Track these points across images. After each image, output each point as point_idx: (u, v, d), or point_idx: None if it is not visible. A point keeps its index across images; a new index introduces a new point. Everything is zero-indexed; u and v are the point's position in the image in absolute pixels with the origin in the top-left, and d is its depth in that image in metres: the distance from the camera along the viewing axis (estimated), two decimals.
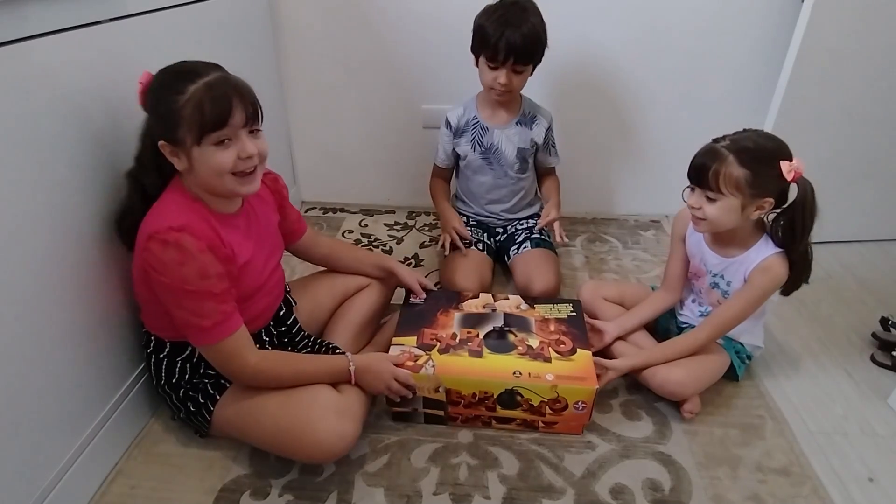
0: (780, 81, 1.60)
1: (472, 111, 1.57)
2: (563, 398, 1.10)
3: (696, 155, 1.10)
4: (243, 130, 0.92)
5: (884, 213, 1.82)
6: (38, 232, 0.87)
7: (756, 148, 1.06)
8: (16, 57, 0.82)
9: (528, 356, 1.15)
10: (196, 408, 1.05)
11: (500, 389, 1.10)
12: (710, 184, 1.06)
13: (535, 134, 1.57)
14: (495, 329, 1.23)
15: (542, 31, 1.40)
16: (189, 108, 0.88)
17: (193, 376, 1.06)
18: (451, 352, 1.16)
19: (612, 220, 2.02)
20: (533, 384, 1.09)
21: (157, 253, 0.89)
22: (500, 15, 1.37)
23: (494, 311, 1.28)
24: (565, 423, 1.14)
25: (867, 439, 1.15)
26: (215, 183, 0.94)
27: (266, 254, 1.10)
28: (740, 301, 1.15)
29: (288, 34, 1.84)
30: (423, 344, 1.18)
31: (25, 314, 0.86)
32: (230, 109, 0.89)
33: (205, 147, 0.90)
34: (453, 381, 1.11)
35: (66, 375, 0.95)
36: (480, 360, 1.14)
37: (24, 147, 0.84)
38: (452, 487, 1.04)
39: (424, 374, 1.10)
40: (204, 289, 0.91)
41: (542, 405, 1.11)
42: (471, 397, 1.12)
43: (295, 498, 1.02)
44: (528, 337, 1.20)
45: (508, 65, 1.39)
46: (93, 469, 1.02)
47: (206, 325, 0.93)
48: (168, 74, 0.92)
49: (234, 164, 0.92)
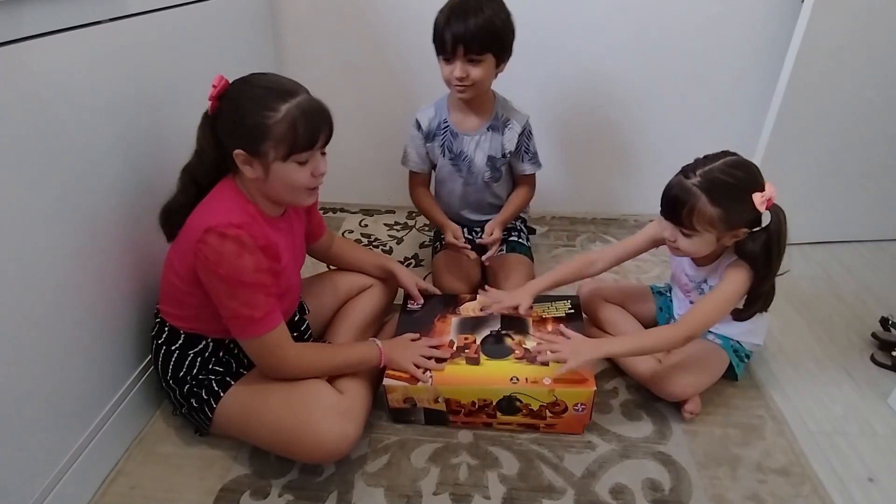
0: (780, 81, 1.60)
1: (442, 113, 1.49)
2: (562, 401, 1.10)
3: (667, 190, 1.08)
4: (319, 151, 0.98)
5: (884, 213, 1.82)
6: (35, 231, 0.87)
7: (727, 184, 1.03)
8: (16, 57, 0.82)
9: (525, 360, 1.15)
10: (199, 404, 1.05)
11: (498, 397, 1.10)
12: (685, 222, 1.06)
13: (506, 139, 1.48)
14: (492, 333, 1.22)
15: (499, 19, 1.30)
16: (283, 127, 0.92)
17: (200, 371, 1.06)
18: (448, 361, 1.15)
19: (612, 220, 2.02)
20: (531, 389, 1.09)
21: (216, 245, 0.92)
22: (451, 5, 1.31)
23: (492, 314, 1.27)
24: (566, 425, 1.13)
25: (867, 439, 1.15)
26: (286, 195, 1.00)
27: (296, 258, 1.15)
28: (714, 297, 1.12)
29: (288, 34, 1.84)
30: None
31: (25, 315, 0.86)
32: (319, 134, 0.96)
33: (288, 164, 0.95)
34: (452, 390, 1.11)
35: (66, 376, 0.95)
36: (478, 368, 1.14)
37: (24, 146, 0.84)
38: (452, 487, 1.04)
39: (423, 385, 1.10)
40: (258, 281, 0.95)
41: (541, 409, 1.11)
42: (470, 406, 1.12)
43: (295, 498, 1.02)
44: (525, 339, 1.20)
45: (459, 55, 1.30)
46: (93, 469, 1.02)
47: (258, 315, 0.96)
48: (258, 89, 0.95)
49: (309, 180, 0.98)
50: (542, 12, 1.47)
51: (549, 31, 1.41)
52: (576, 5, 1.73)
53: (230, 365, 1.08)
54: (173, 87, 1.20)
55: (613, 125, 1.92)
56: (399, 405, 1.14)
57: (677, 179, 1.08)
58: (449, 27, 1.29)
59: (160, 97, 1.15)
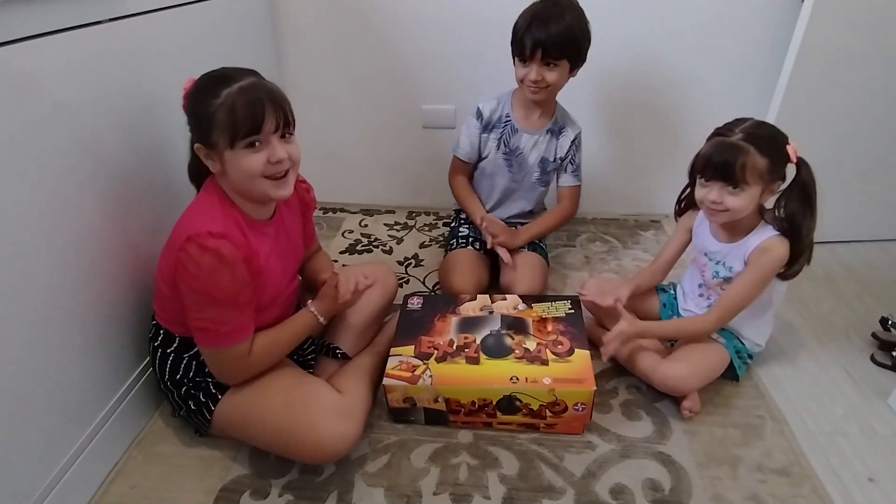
0: (780, 81, 1.60)
1: (506, 107, 1.52)
2: (562, 401, 1.10)
3: (714, 151, 1.10)
4: (275, 135, 0.94)
5: (884, 213, 1.82)
6: (34, 231, 0.87)
7: (768, 135, 1.09)
8: (16, 57, 0.82)
9: (525, 360, 1.15)
10: (197, 406, 1.05)
11: (498, 396, 1.10)
12: (738, 177, 1.08)
13: (560, 145, 1.53)
14: (492, 333, 1.22)
15: (578, 27, 1.35)
16: (222, 113, 0.90)
17: (197, 374, 1.06)
18: (448, 360, 1.16)
19: (612, 220, 2.02)
20: (531, 389, 1.09)
21: (195, 255, 0.90)
22: (533, 11, 1.36)
23: (492, 314, 1.28)
24: (566, 424, 1.13)
25: (867, 439, 1.15)
26: (248, 186, 0.96)
27: (287, 264, 1.12)
28: (743, 283, 1.16)
29: (288, 35, 1.84)
30: (420, 353, 1.18)
31: (25, 315, 0.86)
32: (262, 115, 0.91)
33: (237, 151, 0.91)
34: (451, 390, 1.11)
35: (66, 376, 0.95)
36: (478, 368, 1.14)
37: (24, 146, 0.84)
38: (452, 487, 1.04)
39: (423, 385, 1.10)
40: (231, 297, 0.93)
41: (541, 409, 1.11)
42: (470, 405, 1.12)
43: (295, 498, 1.02)
44: (525, 339, 1.20)
45: (537, 59, 1.35)
46: (93, 469, 1.02)
47: (224, 330, 0.95)
48: (205, 78, 0.95)
49: (265, 167, 0.93)
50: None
51: None
52: None
53: None
54: (173, 87, 1.19)
55: (613, 125, 1.92)
56: (399, 405, 1.14)
57: (719, 140, 1.11)
58: (530, 32, 1.33)
59: (160, 97, 1.15)
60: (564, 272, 1.71)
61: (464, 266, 1.50)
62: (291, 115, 0.96)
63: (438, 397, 1.12)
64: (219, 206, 0.97)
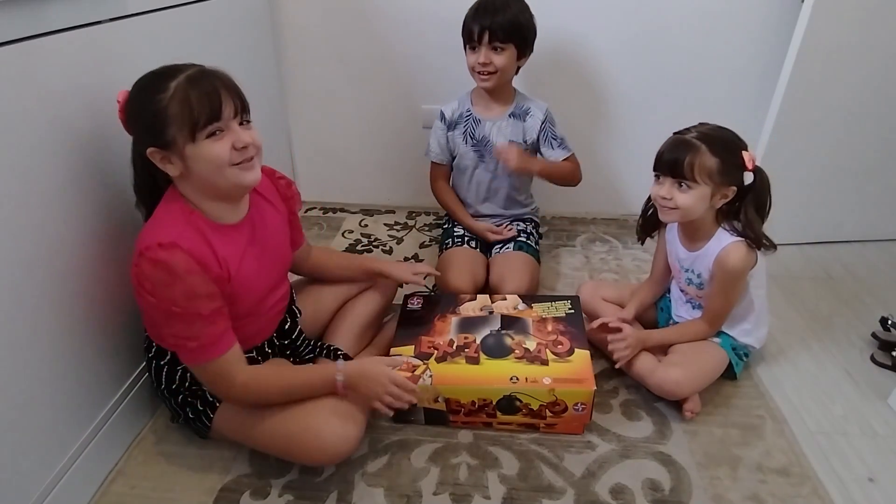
0: (780, 81, 1.60)
1: (465, 104, 1.59)
2: (562, 401, 1.10)
3: (666, 147, 1.14)
4: (234, 121, 0.89)
5: (884, 213, 1.82)
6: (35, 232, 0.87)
7: (723, 138, 1.11)
8: (16, 57, 0.82)
9: (525, 360, 1.15)
10: (195, 414, 1.05)
11: (498, 396, 1.10)
12: (685, 173, 1.09)
13: (528, 126, 1.56)
14: (492, 333, 1.22)
15: (523, 17, 1.44)
16: (176, 105, 0.84)
17: (193, 383, 1.05)
18: (448, 360, 1.16)
19: (612, 220, 2.02)
20: (531, 389, 1.09)
21: (146, 271, 0.86)
22: (480, 3, 1.46)
23: (492, 314, 1.28)
24: (566, 424, 1.14)
25: (867, 439, 1.15)
26: (215, 179, 0.90)
27: (269, 267, 1.05)
28: (716, 293, 1.20)
29: (288, 34, 1.84)
30: (420, 353, 1.17)
31: (25, 315, 0.86)
32: (219, 100, 0.86)
33: (199, 143, 0.86)
34: (451, 390, 1.11)
35: (66, 376, 0.95)
36: (478, 368, 1.14)
37: (23, 146, 0.84)
38: (452, 487, 1.04)
39: (423, 384, 1.10)
40: (192, 310, 0.88)
41: (541, 409, 1.11)
42: (470, 405, 1.12)
43: (295, 498, 1.02)
44: (525, 339, 1.20)
45: (484, 43, 1.43)
46: (93, 469, 1.02)
47: (192, 346, 0.90)
48: (145, 79, 0.89)
49: (232, 154, 0.88)
50: (542, 13, 1.48)
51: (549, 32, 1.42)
52: (576, 5, 1.73)
53: None
54: None
55: (613, 125, 1.92)
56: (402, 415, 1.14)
57: (674, 138, 1.14)
58: (477, 19, 1.43)
59: None
60: (564, 272, 1.70)
61: (460, 263, 1.51)
62: (246, 100, 0.92)
63: (438, 397, 1.12)
64: (178, 214, 0.91)
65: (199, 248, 0.89)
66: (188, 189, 0.93)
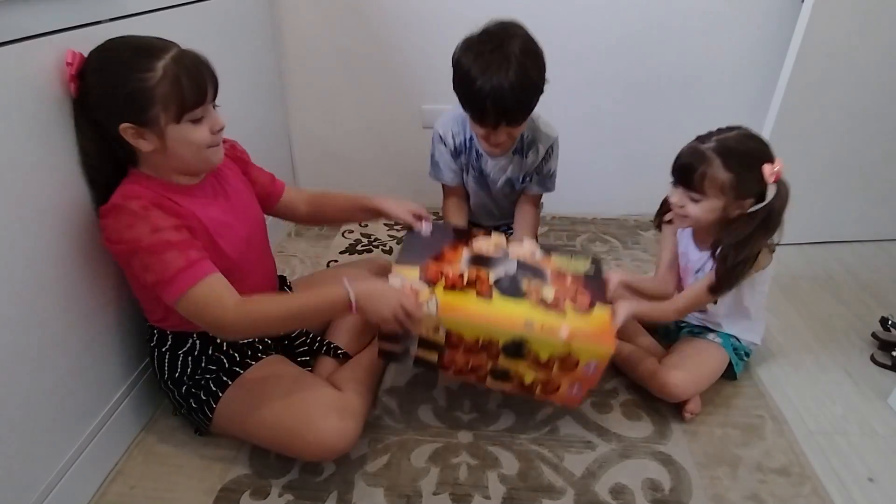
0: (780, 81, 1.60)
1: (467, 131, 1.37)
2: (576, 356, 1.00)
3: (681, 154, 1.10)
4: (210, 104, 0.93)
5: (884, 213, 1.82)
6: (33, 231, 0.87)
7: (741, 151, 1.05)
8: (16, 57, 0.82)
9: (542, 307, 1.04)
10: (198, 405, 1.05)
11: (507, 338, 1.00)
12: (695, 186, 1.07)
13: (529, 162, 1.38)
14: (507, 274, 1.11)
15: (537, 77, 1.17)
16: (165, 86, 0.85)
17: (195, 371, 1.06)
18: (457, 290, 1.04)
19: (612, 220, 2.02)
20: (545, 338, 0.99)
21: (109, 225, 0.89)
22: (484, 66, 1.14)
23: (507, 256, 1.16)
24: (568, 387, 1.04)
25: (867, 439, 1.15)
26: (191, 159, 0.93)
27: (241, 219, 1.05)
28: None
29: (288, 34, 1.84)
30: (427, 278, 1.05)
31: (24, 315, 0.86)
32: (206, 85, 0.89)
33: (183, 125, 0.89)
34: (457, 323, 1.00)
35: (66, 376, 0.95)
36: (489, 304, 1.02)
37: (22, 146, 0.84)
38: (452, 487, 1.04)
39: (426, 312, 0.98)
40: (160, 240, 0.87)
41: (550, 360, 1.01)
42: (473, 343, 1.01)
43: (295, 498, 1.02)
44: (542, 286, 1.09)
45: (501, 128, 1.20)
46: (93, 469, 1.02)
47: (170, 273, 0.87)
48: (124, 51, 0.87)
49: (209, 138, 0.92)
50: (541, 12, 1.48)
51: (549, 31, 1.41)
52: (576, 5, 1.73)
53: (222, 362, 1.06)
54: None
55: (613, 125, 1.92)
56: (389, 348, 1.05)
57: (692, 145, 1.09)
58: (488, 100, 1.14)
59: None
60: None
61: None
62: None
63: (439, 328, 1.00)
64: (138, 185, 0.92)
65: (156, 198, 0.91)
66: (155, 162, 0.93)
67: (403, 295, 0.96)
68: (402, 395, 1.24)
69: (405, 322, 0.96)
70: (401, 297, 0.96)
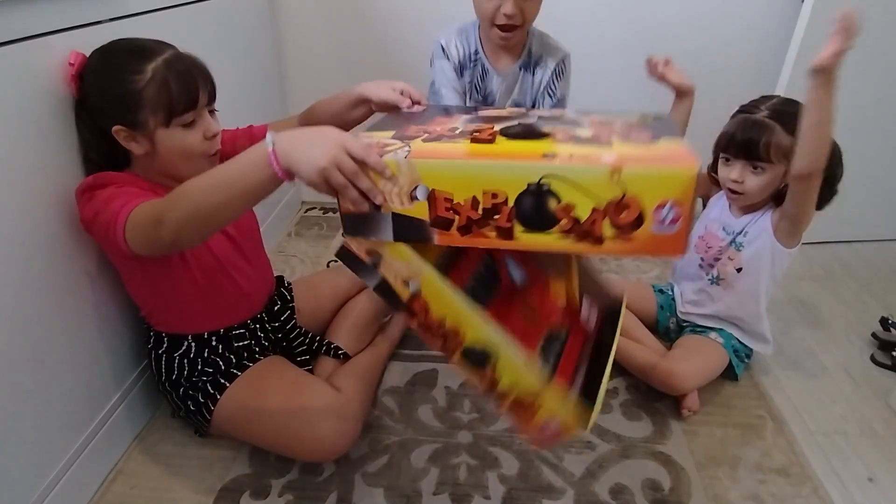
0: (780, 81, 1.60)
1: (473, 42, 1.20)
2: (634, 197, 0.63)
3: (737, 128, 1.09)
4: (205, 110, 0.90)
5: (884, 213, 1.82)
6: (34, 230, 0.87)
7: (793, 114, 1.05)
8: (16, 57, 0.82)
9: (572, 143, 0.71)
10: (196, 407, 1.05)
11: (520, 188, 0.65)
12: (762, 155, 1.07)
13: (538, 80, 1.21)
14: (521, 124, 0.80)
15: None
16: (153, 89, 0.84)
17: (192, 374, 1.06)
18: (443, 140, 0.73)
19: None
20: (579, 170, 0.63)
21: (87, 204, 0.86)
22: None
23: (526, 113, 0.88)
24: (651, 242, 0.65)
25: (867, 439, 1.15)
26: (181, 166, 0.90)
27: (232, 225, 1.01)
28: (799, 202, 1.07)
29: (288, 34, 1.84)
30: (402, 136, 0.76)
31: (24, 314, 0.86)
32: (197, 88, 0.87)
33: (173, 129, 0.87)
34: (439, 173, 0.67)
35: (66, 376, 0.95)
36: (489, 146, 0.71)
37: (21, 146, 0.84)
38: (452, 487, 1.04)
39: (391, 160, 0.67)
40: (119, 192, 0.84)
41: (594, 216, 0.65)
42: (470, 207, 0.67)
43: (295, 498, 1.02)
44: (573, 129, 0.76)
45: None
46: (93, 469, 1.02)
47: (115, 207, 0.81)
48: (119, 53, 0.87)
49: (202, 145, 0.90)
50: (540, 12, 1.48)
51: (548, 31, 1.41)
52: (575, 5, 1.73)
53: (218, 365, 1.06)
54: None
55: None
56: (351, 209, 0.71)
57: (744, 117, 1.09)
58: None
59: None
60: None
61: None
62: (215, 87, 0.92)
63: (416, 188, 0.67)
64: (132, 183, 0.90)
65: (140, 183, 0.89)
66: (147, 165, 0.92)
67: (349, 136, 0.68)
68: (402, 395, 1.24)
69: (350, 173, 0.66)
70: (344, 136, 0.68)
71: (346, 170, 0.66)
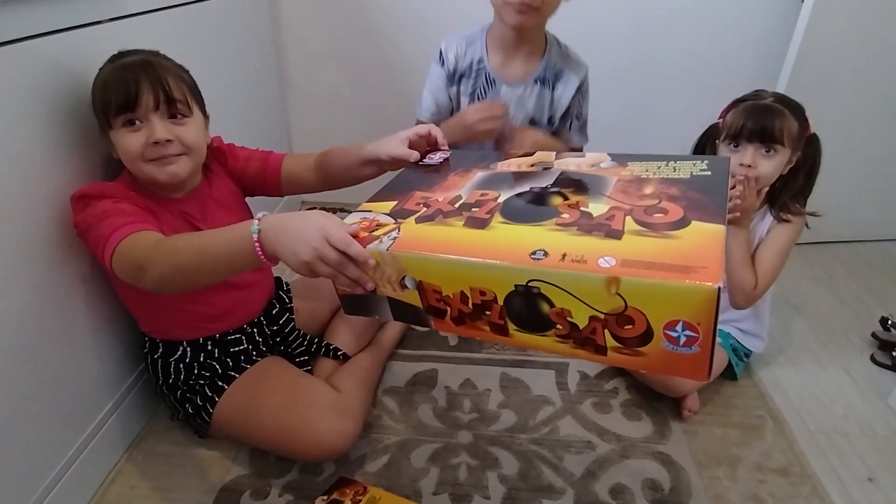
0: (780, 81, 1.60)
1: (479, 49, 1.13)
2: (635, 309, 0.54)
3: (750, 114, 1.10)
4: (156, 114, 0.86)
5: (884, 213, 1.82)
6: (29, 233, 0.87)
7: (796, 102, 1.11)
8: (16, 57, 0.82)
9: (575, 228, 0.62)
10: (195, 409, 1.05)
11: (507, 288, 0.59)
12: (776, 136, 1.08)
13: (557, 96, 1.13)
14: (532, 189, 0.73)
15: None
16: (98, 89, 0.88)
17: (189, 378, 1.06)
18: (436, 221, 0.68)
19: None
20: (569, 277, 0.55)
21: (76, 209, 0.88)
22: None
23: (548, 170, 0.79)
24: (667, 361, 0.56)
25: (867, 439, 1.15)
26: (133, 170, 0.90)
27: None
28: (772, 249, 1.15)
29: (288, 34, 1.84)
30: (400, 210, 0.73)
31: (24, 314, 0.86)
32: (136, 89, 0.85)
33: (116, 130, 0.87)
34: (422, 265, 0.63)
35: (66, 376, 0.95)
36: (479, 233, 0.64)
37: (21, 146, 0.84)
38: (452, 487, 1.04)
39: (375, 250, 0.65)
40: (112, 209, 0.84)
41: (593, 324, 0.57)
42: (460, 301, 0.63)
43: (295, 498, 1.02)
44: (588, 200, 0.68)
45: None
46: (93, 469, 1.02)
47: (106, 230, 0.81)
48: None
49: (144, 149, 0.87)
50: None
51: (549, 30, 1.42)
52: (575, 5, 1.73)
53: (215, 368, 1.06)
54: None
55: (613, 124, 1.91)
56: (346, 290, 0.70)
57: (752, 104, 1.11)
58: None
59: None
60: None
61: None
62: (184, 94, 0.89)
63: (405, 279, 0.65)
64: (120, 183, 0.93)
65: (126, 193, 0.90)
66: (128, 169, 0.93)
67: (331, 226, 0.66)
68: (401, 395, 1.24)
69: (335, 264, 0.65)
70: (326, 227, 0.66)
71: (329, 262, 0.65)
